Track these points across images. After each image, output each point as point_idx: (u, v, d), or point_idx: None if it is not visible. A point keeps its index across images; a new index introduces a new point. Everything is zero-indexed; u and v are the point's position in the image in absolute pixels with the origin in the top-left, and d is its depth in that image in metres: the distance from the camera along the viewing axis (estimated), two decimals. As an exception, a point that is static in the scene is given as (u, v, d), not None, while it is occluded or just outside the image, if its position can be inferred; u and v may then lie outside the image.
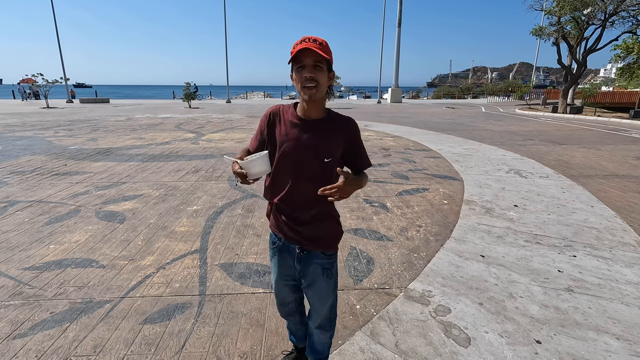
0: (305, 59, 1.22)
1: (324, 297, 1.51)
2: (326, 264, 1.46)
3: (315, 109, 1.33)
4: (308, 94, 1.24)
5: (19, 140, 8.78)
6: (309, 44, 1.20)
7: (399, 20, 28.55)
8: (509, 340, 2.00)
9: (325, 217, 1.44)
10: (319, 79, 1.24)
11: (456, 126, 12.43)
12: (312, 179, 1.33)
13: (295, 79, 1.27)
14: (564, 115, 16.98)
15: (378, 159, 6.86)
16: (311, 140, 1.32)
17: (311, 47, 1.19)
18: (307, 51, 1.20)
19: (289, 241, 1.45)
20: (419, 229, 3.57)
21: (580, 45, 18.07)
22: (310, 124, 1.34)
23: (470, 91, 41.24)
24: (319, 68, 1.23)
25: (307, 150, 1.32)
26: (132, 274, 2.69)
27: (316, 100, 1.29)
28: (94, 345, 1.95)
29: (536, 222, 3.72)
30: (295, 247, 1.43)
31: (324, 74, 1.26)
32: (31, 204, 4.20)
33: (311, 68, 1.22)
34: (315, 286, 1.48)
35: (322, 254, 1.44)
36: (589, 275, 2.69)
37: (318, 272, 1.45)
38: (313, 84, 1.23)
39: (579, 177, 5.59)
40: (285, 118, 1.36)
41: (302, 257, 1.44)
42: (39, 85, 21.53)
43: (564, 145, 8.65)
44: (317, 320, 1.56)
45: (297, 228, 1.41)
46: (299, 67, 1.24)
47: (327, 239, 1.46)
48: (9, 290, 2.47)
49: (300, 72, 1.23)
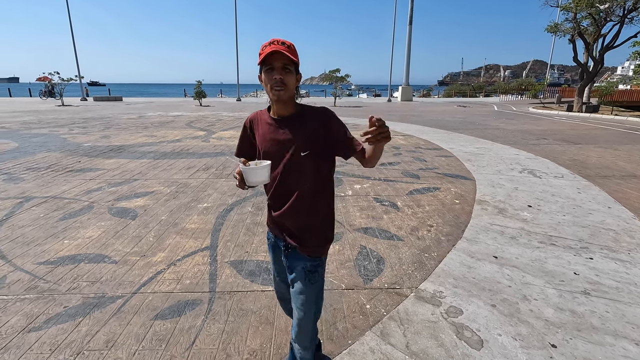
0: (275, 61, 1.25)
1: (303, 303, 1.43)
2: (309, 267, 1.42)
3: (285, 107, 1.35)
4: (277, 95, 1.28)
5: (35, 137, 8.97)
6: (278, 46, 1.23)
7: (410, 17, 28.28)
8: (523, 344, 1.95)
9: (313, 218, 1.41)
10: (287, 81, 1.27)
11: (468, 125, 12.26)
12: (294, 174, 1.36)
13: (264, 80, 1.29)
14: (579, 114, 16.60)
15: (388, 157, 6.80)
16: (286, 136, 1.35)
17: (280, 49, 1.22)
18: (277, 54, 1.23)
19: (277, 237, 1.50)
20: (430, 228, 3.53)
21: (597, 42, 17.61)
22: (283, 121, 1.37)
23: (482, 89, 40.64)
24: (288, 70, 1.27)
25: (284, 146, 1.35)
26: (143, 270, 2.71)
27: (285, 100, 1.31)
28: (106, 340, 1.97)
29: (551, 223, 3.63)
30: (281, 244, 1.48)
31: (292, 75, 1.29)
32: (46, 199, 4.29)
33: (280, 70, 1.25)
34: (295, 287, 1.44)
35: (306, 256, 1.42)
36: (606, 279, 2.61)
37: (300, 274, 1.42)
38: (282, 87, 1.26)
39: (595, 177, 5.45)
40: (262, 121, 1.41)
41: (288, 254, 1.46)
42: (55, 83, 21.98)
43: (579, 144, 8.45)
44: (295, 329, 1.48)
45: (282, 225, 1.44)
46: (267, 69, 1.27)
47: (312, 241, 1.42)
48: (24, 284, 2.52)
49: (269, 74, 1.26)
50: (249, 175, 1.26)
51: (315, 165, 1.37)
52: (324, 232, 1.47)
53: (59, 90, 22.07)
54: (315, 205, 1.41)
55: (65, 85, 22.16)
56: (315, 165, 1.37)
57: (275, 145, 1.36)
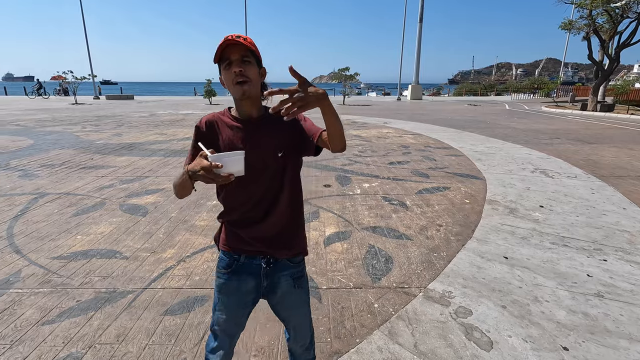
0: (231, 54, 1.14)
1: (301, 310, 1.38)
2: (296, 273, 1.34)
3: (254, 105, 1.23)
4: (240, 90, 1.15)
5: (49, 135, 9.15)
6: (232, 39, 1.13)
7: (420, 15, 28.02)
8: (534, 346, 1.92)
9: (295, 219, 1.33)
10: (249, 74, 1.16)
11: (478, 124, 12.10)
12: (274, 179, 1.24)
13: (225, 79, 1.18)
14: (593, 113, 16.25)
15: (397, 156, 6.76)
16: (260, 139, 1.22)
17: (235, 41, 1.13)
18: (232, 47, 1.14)
19: (251, 255, 1.28)
20: (439, 228, 3.50)
21: (613, 40, 17.20)
22: (254, 123, 1.23)
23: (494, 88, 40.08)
24: (248, 62, 1.16)
25: (259, 151, 1.21)
26: (153, 266, 2.75)
27: (251, 97, 1.19)
28: (117, 334, 2.01)
29: (563, 224, 3.57)
30: (261, 261, 1.28)
31: (254, 68, 1.18)
32: (60, 195, 4.37)
33: (239, 63, 1.14)
34: (288, 301, 1.35)
35: (290, 262, 1.32)
36: (620, 281, 2.56)
37: (289, 284, 1.32)
38: (243, 79, 1.14)
39: (609, 177, 5.33)
40: (224, 125, 1.25)
41: (269, 271, 1.29)
42: (69, 82, 22.40)
43: (593, 144, 8.27)
44: (302, 338, 1.42)
45: (263, 238, 1.27)
46: (226, 65, 1.16)
47: (296, 241, 1.34)
48: (38, 278, 2.57)
49: (228, 70, 1.15)
50: (228, 165, 1.04)
51: (292, 164, 1.28)
52: (302, 229, 1.38)
53: (72, 89, 22.47)
54: (295, 205, 1.32)
55: (78, 83, 22.55)
56: (292, 165, 1.28)
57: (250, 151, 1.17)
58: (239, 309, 1.32)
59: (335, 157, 6.60)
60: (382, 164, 6.12)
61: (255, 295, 1.32)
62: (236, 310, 1.32)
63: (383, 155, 6.83)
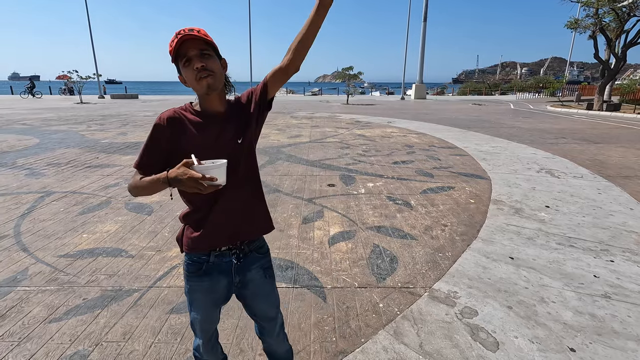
0: (189, 50, 1.10)
1: (272, 299, 1.41)
2: (265, 264, 1.37)
3: (220, 101, 1.21)
4: (205, 84, 1.11)
5: (55, 134, 9.22)
6: (186, 34, 1.08)
7: (424, 14, 27.90)
8: (541, 347, 1.91)
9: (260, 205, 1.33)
10: (212, 67, 1.12)
11: (483, 123, 12.04)
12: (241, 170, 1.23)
13: (186, 77, 1.14)
14: (599, 113, 16.11)
15: (402, 156, 6.75)
16: (228, 135, 1.20)
17: (190, 36, 1.08)
18: (188, 42, 1.09)
19: (221, 254, 1.27)
20: (444, 228, 3.48)
21: (619, 39, 17.03)
22: (221, 119, 1.20)
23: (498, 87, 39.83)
24: (208, 55, 1.12)
25: (229, 145, 1.19)
26: (159, 264, 2.76)
27: (217, 90, 1.16)
28: (124, 332, 2.02)
29: (570, 224, 3.54)
30: (231, 257, 1.27)
31: (215, 60, 1.14)
32: (66, 194, 4.40)
33: (199, 57, 1.10)
34: (261, 292, 1.37)
35: (257, 254, 1.34)
36: (628, 282, 2.53)
37: (260, 275, 1.34)
38: (207, 73, 1.10)
39: (616, 177, 5.28)
40: (188, 122, 1.19)
41: (240, 266, 1.29)
42: (74, 81, 22.55)
43: (599, 144, 8.20)
44: (275, 328, 1.45)
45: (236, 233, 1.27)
46: (185, 62, 1.11)
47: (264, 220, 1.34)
48: (45, 276, 2.59)
49: (188, 67, 1.11)
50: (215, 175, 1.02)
51: (251, 149, 1.27)
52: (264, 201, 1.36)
53: (77, 88, 22.62)
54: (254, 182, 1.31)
55: (83, 83, 22.70)
56: (251, 150, 1.27)
57: (220, 147, 1.17)
58: (213, 308, 1.34)
59: (339, 157, 6.60)
60: (387, 164, 6.11)
61: (227, 292, 1.33)
62: (211, 310, 1.34)
63: (387, 155, 6.82)
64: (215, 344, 1.48)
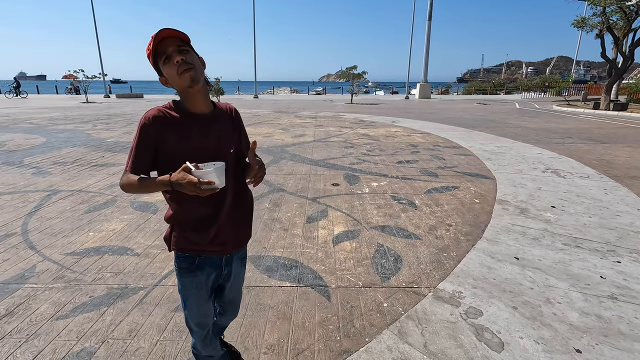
0: (167, 48, 1.13)
1: (240, 285, 1.56)
2: (243, 254, 1.50)
3: (205, 100, 1.23)
4: (188, 77, 1.13)
5: (61, 133, 9.30)
6: (162, 32, 1.11)
7: (429, 13, 27.77)
8: (546, 348, 1.90)
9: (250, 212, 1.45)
10: (192, 60, 1.15)
11: (488, 123, 11.97)
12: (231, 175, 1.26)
13: (167, 74, 1.16)
14: (606, 112, 15.95)
15: (406, 155, 6.73)
16: (217, 137, 1.24)
17: (167, 34, 1.12)
18: (166, 40, 1.13)
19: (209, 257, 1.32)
20: (448, 228, 3.47)
21: (627, 38, 16.84)
22: (208, 119, 1.23)
23: (504, 87, 39.57)
24: (186, 51, 1.15)
25: (217, 147, 1.23)
26: (164, 262, 2.78)
27: (199, 84, 1.17)
28: (129, 329, 2.03)
29: (576, 225, 3.52)
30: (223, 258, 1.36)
31: (194, 55, 1.17)
32: (72, 193, 4.44)
33: (177, 53, 1.13)
34: (237, 281, 1.50)
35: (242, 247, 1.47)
36: (635, 283, 2.51)
37: (238, 265, 1.46)
38: (187, 66, 1.12)
39: (623, 177, 5.23)
40: (175, 121, 1.19)
41: (228, 258, 1.39)
42: (80, 80, 22.72)
43: (606, 143, 8.12)
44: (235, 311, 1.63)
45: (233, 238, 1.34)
46: (165, 60, 1.14)
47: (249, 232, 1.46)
48: (52, 273, 2.62)
49: (169, 63, 1.14)
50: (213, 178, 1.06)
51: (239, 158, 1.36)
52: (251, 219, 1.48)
53: (83, 88, 22.79)
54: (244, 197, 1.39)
55: (89, 82, 22.87)
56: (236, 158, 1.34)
57: (209, 147, 1.20)
58: (207, 301, 1.40)
59: (343, 156, 6.59)
60: (391, 163, 6.10)
61: (215, 284, 1.41)
62: (206, 303, 1.40)
63: (391, 154, 6.80)
64: (212, 338, 1.54)
